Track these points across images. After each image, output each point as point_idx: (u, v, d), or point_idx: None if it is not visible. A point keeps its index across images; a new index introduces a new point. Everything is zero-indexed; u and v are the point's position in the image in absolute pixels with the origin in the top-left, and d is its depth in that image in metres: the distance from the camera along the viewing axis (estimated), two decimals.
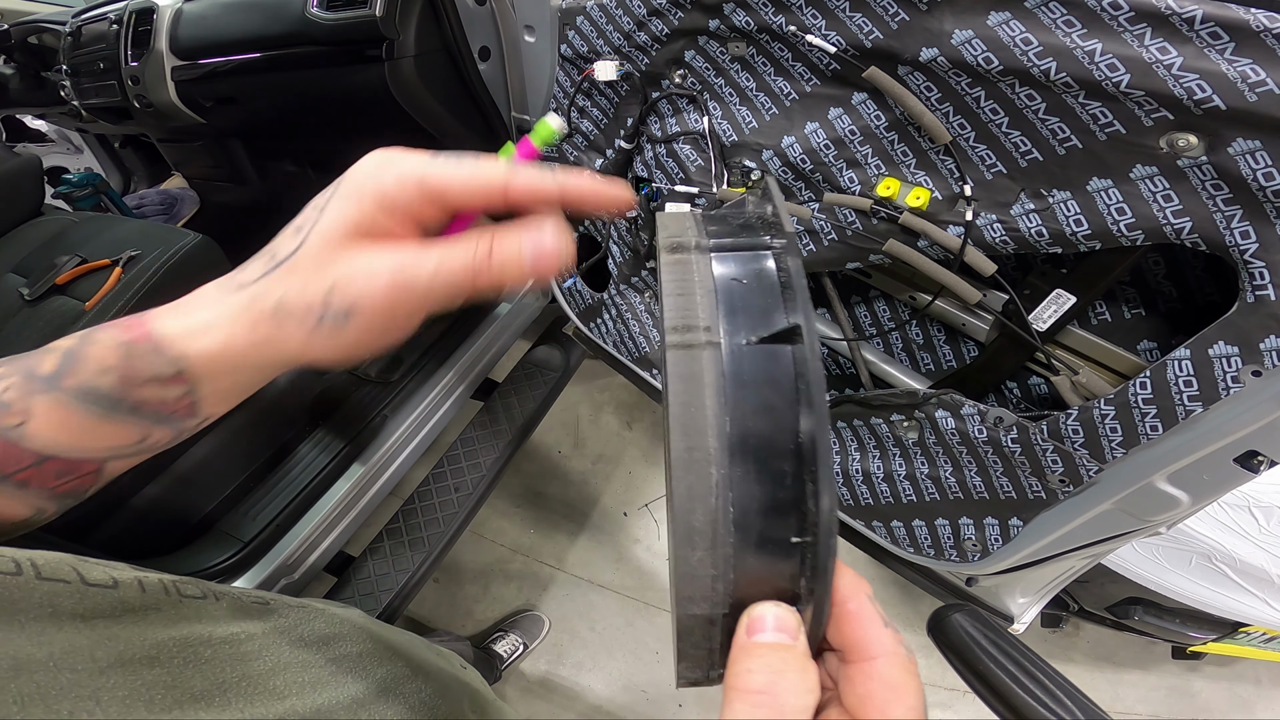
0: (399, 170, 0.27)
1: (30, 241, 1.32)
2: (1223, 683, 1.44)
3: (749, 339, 0.24)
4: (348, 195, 0.27)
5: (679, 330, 0.23)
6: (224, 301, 0.29)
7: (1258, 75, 0.43)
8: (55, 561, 0.26)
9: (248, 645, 0.32)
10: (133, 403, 0.29)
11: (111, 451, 0.30)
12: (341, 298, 0.26)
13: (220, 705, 0.28)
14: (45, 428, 0.29)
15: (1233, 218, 0.48)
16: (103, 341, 0.29)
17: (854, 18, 0.61)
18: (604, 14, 0.81)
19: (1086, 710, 0.30)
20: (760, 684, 0.22)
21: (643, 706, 1.48)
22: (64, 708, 0.23)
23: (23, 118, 2.24)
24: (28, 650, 0.23)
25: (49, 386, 0.29)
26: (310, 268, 0.27)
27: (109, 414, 0.29)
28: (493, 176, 0.27)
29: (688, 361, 0.23)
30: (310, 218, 0.28)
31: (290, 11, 1.12)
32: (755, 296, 0.25)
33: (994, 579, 0.86)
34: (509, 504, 1.81)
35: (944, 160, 0.63)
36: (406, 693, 0.40)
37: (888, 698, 0.22)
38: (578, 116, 0.96)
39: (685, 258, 0.25)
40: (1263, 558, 0.95)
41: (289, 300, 0.27)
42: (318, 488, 1.19)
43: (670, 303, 0.24)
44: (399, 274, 0.26)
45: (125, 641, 0.26)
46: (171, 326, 0.29)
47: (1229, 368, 0.51)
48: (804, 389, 0.23)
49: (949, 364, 0.92)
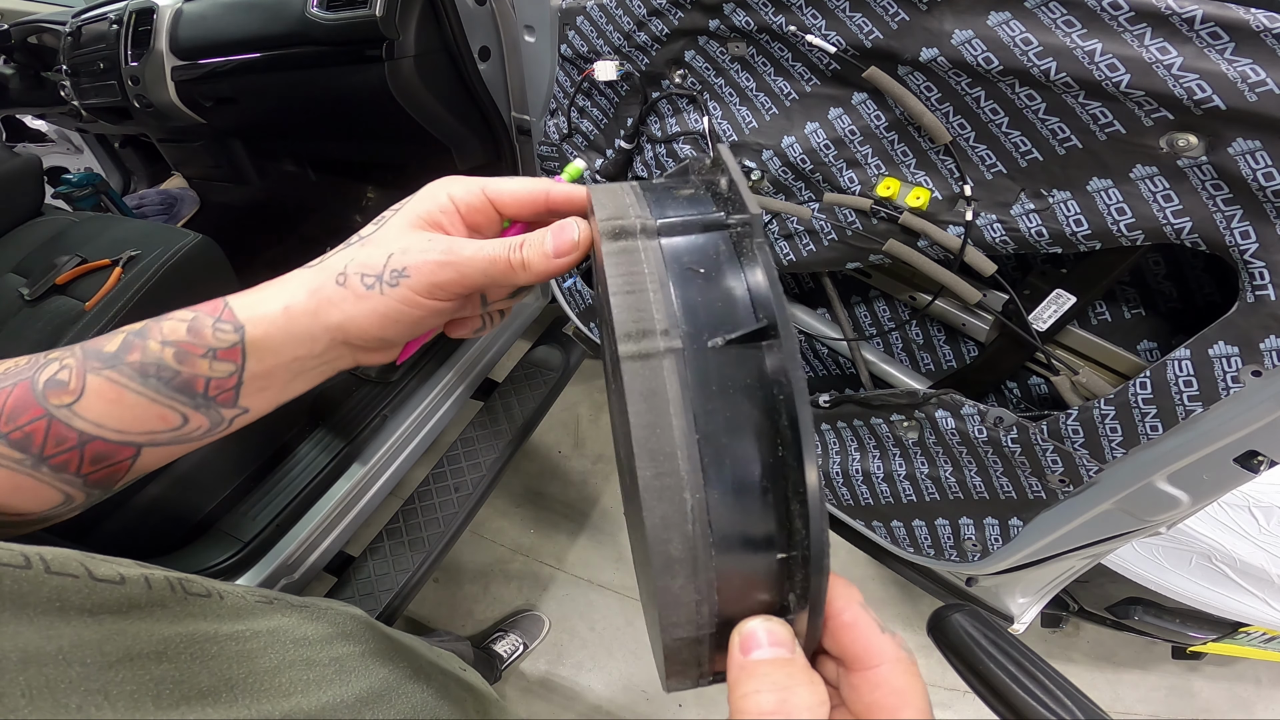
0: (466, 182, 0.34)
1: (30, 241, 1.32)
2: (1223, 683, 1.44)
3: (715, 340, 0.21)
4: (425, 195, 0.33)
5: (633, 337, 0.20)
6: (297, 276, 0.33)
7: (1258, 75, 0.43)
8: (64, 557, 0.27)
9: (253, 643, 0.32)
10: (184, 379, 0.31)
11: (150, 437, 0.32)
12: (400, 259, 0.31)
13: (227, 702, 0.28)
14: (95, 405, 0.31)
15: (1233, 218, 0.48)
16: (176, 316, 0.33)
17: (854, 18, 0.61)
18: (604, 14, 0.81)
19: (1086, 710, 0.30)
20: (770, 705, 0.21)
21: (643, 706, 1.48)
22: (72, 702, 0.23)
23: (23, 118, 2.24)
24: (36, 644, 0.23)
25: (109, 364, 0.31)
26: (381, 242, 0.32)
27: (159, 391, 0.31)
28: (537, 187, 0.34)
29: (647, 375, 0.20)
30: (389, 213, 0.34)
31: (290, 11, 1.12)
32: (718, 286, 0.22)
33: (994, 579, 0.86)
34: (509, 504, 1.81)
35: (944, 160, 0.63)
36: (408, 692, 0.40)
37: (895, 703, 0.22)
38: (578, 116, 0.96)
39: (631, 245, 0.22)
40: (1263, 558, 0.95)
41: (355, 264, 0.32)
42: (318, 488, 1.19)
43: (619, 303, 0.21)
44: (450, 246, 0.31)
45: (133, 637, 0.26)
46: (245, 299, 0.33)
47: (1229, 368, 0.51)
48: (783, 397, 0.20)
49: (949, 364, 0.92)
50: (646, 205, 0.24)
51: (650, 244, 0.23)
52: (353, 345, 0.33)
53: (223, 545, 1.12)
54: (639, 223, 0.23)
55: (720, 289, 0.22)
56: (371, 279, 0.31)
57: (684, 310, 0.21)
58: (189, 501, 1.18)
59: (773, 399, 0.20)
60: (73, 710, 0.23)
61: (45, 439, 0.30)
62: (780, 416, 0.20)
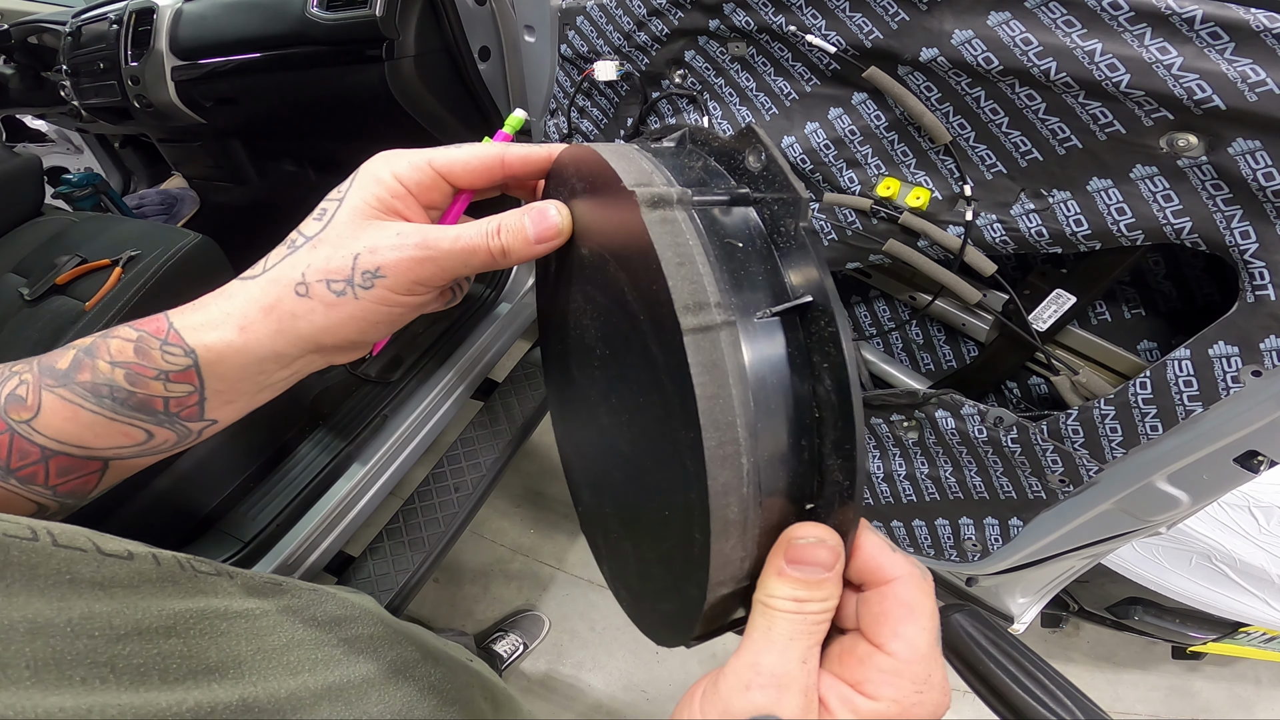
0: (409, 158, 0.31)
1: (30, 241, 1.32)
2: (1223, 683, 1.44)
3: (762, 313, 0.22)
4: (367, 180, 0.30)
5: (691, 310, 0.21)
6: (241, 292, 0.30)
7: (1258, 75, 0.43)
8: (71, 531, 0.26)
9: (262, 621, 0.32)
10: (140, 399, 0.30)
11: (115, 451, 0.31)
12: (369, 260, 0.29)
13: (235, 679, 0.28)
14: (53, 422, 0.30)
15: (1233, 218, 0.48)
16: (120, 335, 0.31)
17: (854, 18, 0.61)
18: (604, 14, 0.81)
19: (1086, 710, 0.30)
20: None
21: (643, 706, 1.48)
22: (77, 674, 0.23)
23: (23, 118, 2.24)
24: (46, 614, 0.23)
25: (61, 381, 0.30)
26: (336, 241, 0.29)
27: (116, 411, 0.30)
28: (490, 153, 0.31)
29: (707, 347, 0.21)
30: (332, 204, 0.31)
31: (290, 11, 1.12)
32: (755, 261, 0.23)
33: (994, 579, 0.86)
34: (509, 504, 1.81)
35: (944, 160, 0.63)
36: (417, 675, 0.40)
37: (901, 614, 0.22)
38: (578, 116, 0.96)
39: (670, 215, 0.22)
40: (1263, 558, 0.95)
41: (314, 270, 0.29)
42: (318, 488, 1.19)
43: (674, 273, 0.21)
44: (424, 236, 0.29)
45: (143, 611, 0.26)
46: (189, 320, 0.30)
47: (1229, 368, 0.51)
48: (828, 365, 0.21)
49: (949, 364, 0.92)
50: (667, 173, 0.24)
51: (688, 214, 0.23)
52: (326, 350, 0.32)
53: (223, 545, 1.12)
54: (675, 193, 0.23)
55: (758, 263, 0.23)
56: (340, 284, 0.29)
57: (731, 283, 0.22)
58: (188, 501, 1.18)
59: (813, 366, 0.22)
60: (76, 683, 0.22)
61: (10, 453, 0.30)
62: (821, 382, 0.21)
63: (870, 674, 0.22)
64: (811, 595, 0.22)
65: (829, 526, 0.23)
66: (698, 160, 0.26)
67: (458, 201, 0.33)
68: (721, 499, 0.21)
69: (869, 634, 0.23)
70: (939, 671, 0.23)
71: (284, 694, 0.30)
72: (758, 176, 0.24)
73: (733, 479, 0.21)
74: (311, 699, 0.31)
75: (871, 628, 0.23)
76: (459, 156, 0.31)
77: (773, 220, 0.24)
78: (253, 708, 0.28)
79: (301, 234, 0.30)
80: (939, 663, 0.23)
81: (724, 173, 0.25)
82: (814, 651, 0.23)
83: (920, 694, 0.22)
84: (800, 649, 0.22)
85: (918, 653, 0.22)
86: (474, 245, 0.30)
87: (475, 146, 0.31)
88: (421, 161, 0.30)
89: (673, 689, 1.48)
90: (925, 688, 0.22)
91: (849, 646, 0.24)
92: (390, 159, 0.31)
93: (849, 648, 0.24)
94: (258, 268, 0.31)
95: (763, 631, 0.23)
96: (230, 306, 0.30)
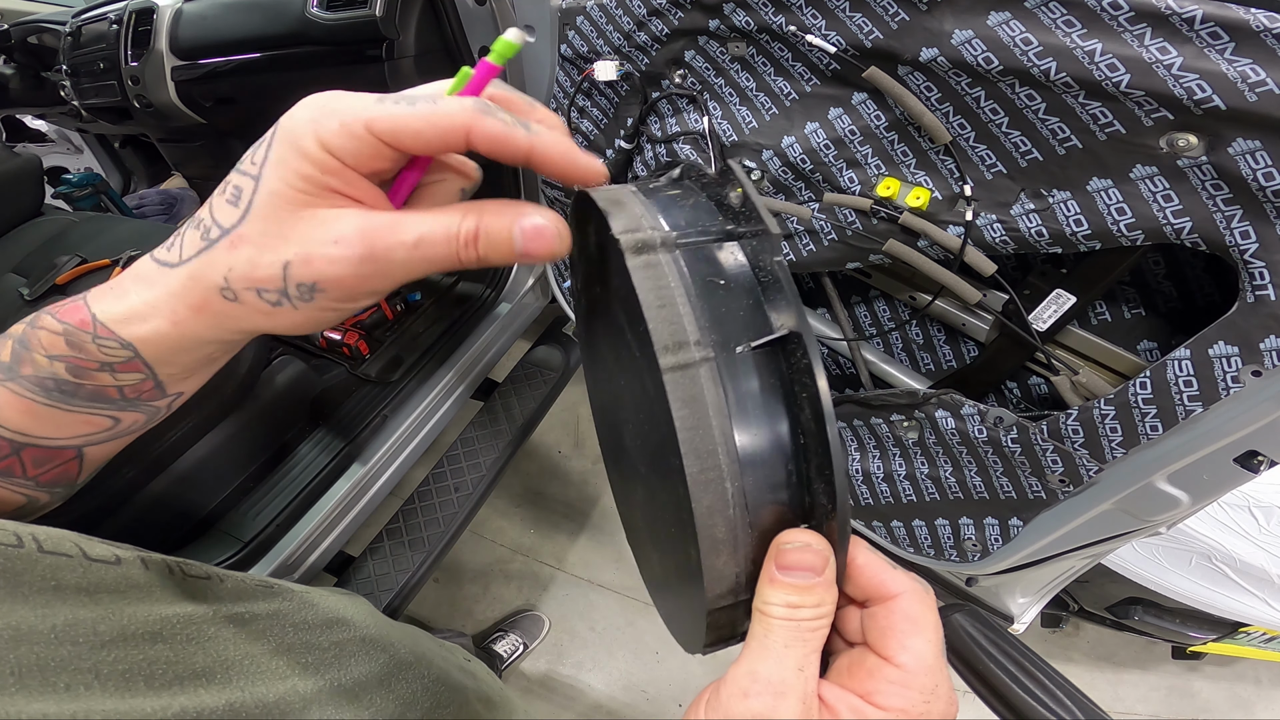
0: (341, 116, 0.23)
1: (30, 241, 1.32)
2: (1223, 683, 1.44)
3: (741, 347, 0.23)
4: (288, 152, 0.23)
5: (670, 350, 0.22)
6: (160, 281, 0.26)
7: (1258, 75, 0.43)
8: (57, 536, 0.26)
9: (252, 625, 0.32)
10: (91, 390, 0.28)
11: (85, 439, 0.30)
12: (304, 272, 0.23)
13: (222, 683, 0.28)
14: (11, 416, 0.28)
15: (1233, 218, 0.48)
16: (46, 326, 0.28)
17: (854, 18, 0.61)
18: (604, 14, 0.81)
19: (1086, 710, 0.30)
20: None
21: (643, 706, 1.48)
22: (61, 680, 0.23)
23: (23, 118, 2.24)
24: (30, 621, 0.23)
25: (8, 375, 0.28)
26: (258, 240, 0.24)
27: (69, 402, 0.28)
28: (454, 120, 0.23)
29: (686, 384, 0.22)
30: (247, 182, 0.24)
31: (290, 11, 1.12)
32: (736, 296, 0.24)
33: (994, 579, 0.86)
34: (509, 504, 1.81)
35: (944, 160, 0.63)
36: (410, 678, 0.40)
37: (907, 628, 0.23)
38: (578, 116, 0.96)
39: (654, 259, 0.24)
40: (1263, 558, 0.95)
41: (237, 276, 0.24)
42: (318, 488, 1.19)
43: (653, 316, 0.23)
44: (373, 244, 0.23)
45: (129, 617, 0.26)
46: (112, 309, 0.27)
47: (1229, 368, 0.51)
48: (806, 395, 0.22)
49: (949, 364, 0.91)
50: (656, 214, 0.26)
51: (671, 257, 0.24)
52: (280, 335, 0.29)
53: (223, 545, 1.12)
54: (658, 236, 0.24)
55: (739, 299, 0.24)
56: (274, 294, 0.24)
57: (710, 320, 0.23)
58: (188, 501, 1.18)
59: (794, 395, 0.23)
60: (60, 689, 0.22)
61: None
62: (803, 410, 0.23)
63: (879, 685, 0.23)
64: (804, 600, 0.23)
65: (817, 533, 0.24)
66: (690, 198, 0.27)
67: (408, 173, 0.26)
68: (707, 519, 0.23)
69: (876, 647, 0.24)
70: (945, 682, 0.23)
71: (272, 698, 0.30)
72: (738, 213, 0.26)
73: (717, 501, 0.23)
74: (301, 703, 0.31)
75: (879, 641, 0.24)
76: (409, 121, 0.23)
77: (754, 255, 0.25)
78: (240, 712, 0.28)
79: (215, 222, 0.25)
80: (945, 673, 0.23)
81: (713, 209, 0.26)
82: (811, 659, 0.23)
83: (928, 703, 0.23)
84: (796, 656, 0.23)
85: (924, 664, 0.23)
86: (435, 255, 0.24)
87: (435, 108, 0.23)
88: (358, 126, 0.23)
89: (673, 689, 1.48)
90: (933, 697, 0.23)
91: (857, 659, 0.24)
92: (317, 118, 0.23)
93: (857, 660, 0.24)
94: (173, 251, 0.26)
95: (759, 640, 0.23)
96: (151, 296, 0.26)
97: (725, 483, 0.23)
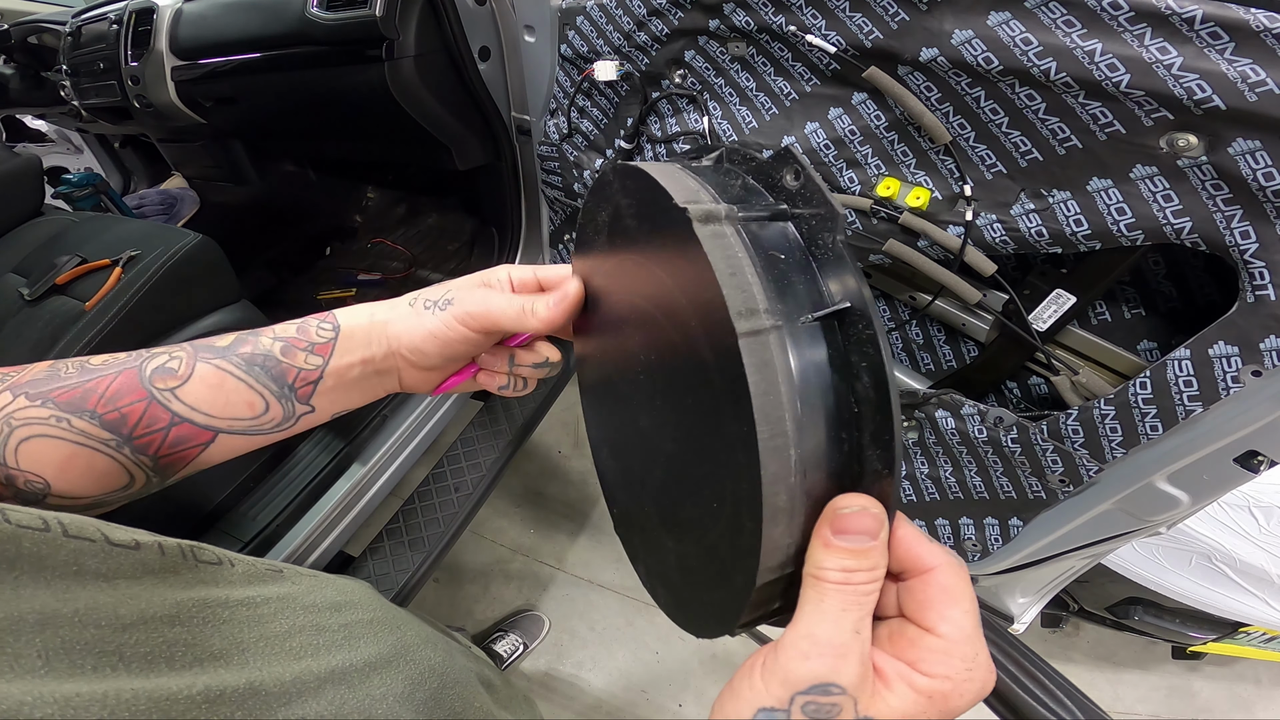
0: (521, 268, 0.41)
1: (30, 241, 1.32)
2: (1223, 683, 1.44)
3: (804, 317, 0.24)
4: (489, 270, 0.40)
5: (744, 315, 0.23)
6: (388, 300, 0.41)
7: (1258, 75, 0.43)
8: (81, 522, 0.27)
9: (264, 608, 0.33)
10: (281, 369, 0.37)
11: (230, 423, 0.37)
12: (451, 294, 0.39)
13: (239, 664, 0.29)
14: (197, 390, 0.35)
15: (1233, 218, 0.48)
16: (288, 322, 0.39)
17: (854, 18, 0.61)
18: (604, 14, 0.81)
19: (1086, 710, 0.30)
20: None
21: (643, 706, 1.48)
22: (87, 662, 0.23)
23: (23, 118, 2.24)
24: (54, 606, 0.24)
25: (220, 355, 0.37)
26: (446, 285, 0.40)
27: (257, 379, 0.36)
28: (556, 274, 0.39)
29: (760, 349, 0.23)
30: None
31: (290, 11, 1.12)
32: (796, 272, 0.25)
33: (994, 579, 0.86)
34: (509, 504, 1.81)
35: (944, 160, 0.63)
36: (417, 659, 0.41)
37: (944, 599, 0.24)
38: (578, 116, 0.96)
39: (719, 230, 0.25)
40: (1263, 558, 0.95)
41: (423, 295, 0.40)
42: (318, 488, 1.19)
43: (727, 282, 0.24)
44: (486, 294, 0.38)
45: (147, 601, 0.27)
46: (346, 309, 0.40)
47: (1229, 368, 0.51)
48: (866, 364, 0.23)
49: (949, 364, 0.91)
50: (711, 190, 0.27)
51: (735, 229, 0.25)
52: (404, 359, 0.39)
53: (223, 544, 1.11)
54: (722, 209, 0.25)
55: (796, 273, 0.25)
56: (430, 303, 0.39)
57: (776, 292, 0.24)
58: (189, 500, 1.18)
59: (850, 365, 0.24)
60: (88, 670, 0.23)
61: (139, 420, 0.34)
62: (859, 379, 0.24)
63: (923, 654, 0.24)
64: (859, 564, 0.23)
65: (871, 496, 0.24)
66: (736, 179, 0.29)
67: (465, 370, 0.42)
68: (772, 487, 0.23)
69: (916, 618, 0.24)
70: (984, 651, 0.24)
71: (289, 678, 0.31)
72: (795, 194, 0.27)
73: (782, 469, 0.23)
74: (316, 682, 0.32)
75: (918, 613, 0.24)
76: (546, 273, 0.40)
77: (810, 234, 0.26)
78: (259, 691, 0.28)
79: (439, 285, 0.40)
80: (983, 643, 0.24)
81: (762, 190, 0.28)
82: (865, 623, 0.24)
83: (970, 670, 0.24)
84: (852, 619, 0.23)
85: (964, 633, 0.24)
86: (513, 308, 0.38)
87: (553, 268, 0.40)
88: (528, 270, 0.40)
89: (673, 689, 1.48)
90: (974, 665, 0.24)
91: (897, 630, 0.25)
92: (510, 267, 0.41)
93: (897, 630, 0.25)
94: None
95: (814, 604, 0.24)
96: (373, 305, 0.40)
97: (790, 450, 0.23)
